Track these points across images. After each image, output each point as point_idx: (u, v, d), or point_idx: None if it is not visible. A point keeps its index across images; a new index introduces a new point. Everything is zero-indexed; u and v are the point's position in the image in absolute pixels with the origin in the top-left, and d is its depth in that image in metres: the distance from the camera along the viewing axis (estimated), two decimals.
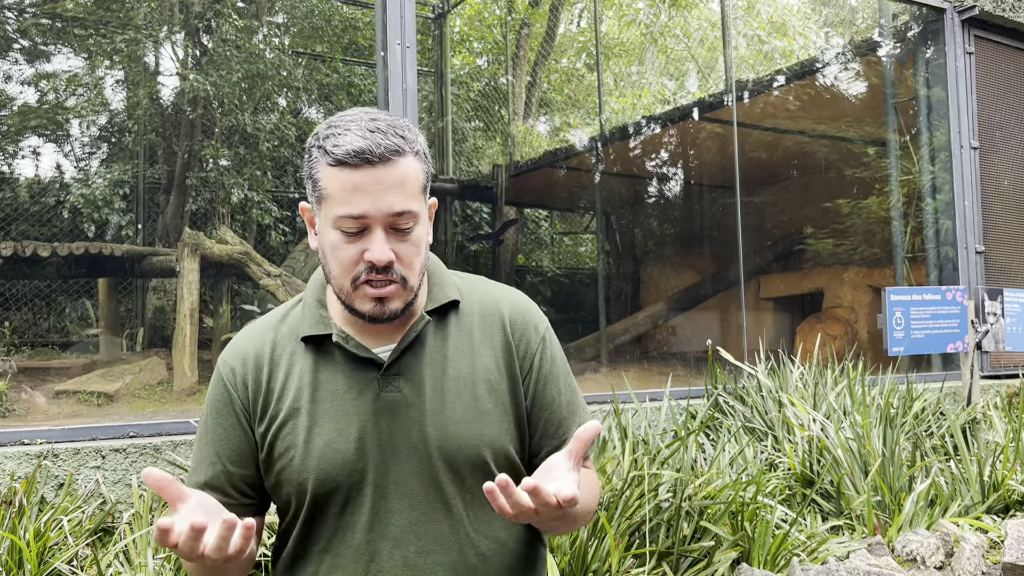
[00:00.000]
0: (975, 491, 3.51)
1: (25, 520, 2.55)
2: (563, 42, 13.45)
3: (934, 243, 5.93)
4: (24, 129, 8.90)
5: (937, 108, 5.91)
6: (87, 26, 8.42)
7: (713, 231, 10.95)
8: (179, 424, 3.29)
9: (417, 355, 1.31)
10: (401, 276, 1.24)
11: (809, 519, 3.22)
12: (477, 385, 1.31)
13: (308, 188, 1.28)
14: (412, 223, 1.23)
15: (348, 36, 10.11)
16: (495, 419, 1.31)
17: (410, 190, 1.22)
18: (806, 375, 4.29)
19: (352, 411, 1.28)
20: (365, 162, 1.19)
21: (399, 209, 1.21)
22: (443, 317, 1.35)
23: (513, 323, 1.37)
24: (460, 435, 1.28)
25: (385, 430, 1.27)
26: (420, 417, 1.28)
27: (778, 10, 12.74)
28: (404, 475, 1.27)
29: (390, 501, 1.27)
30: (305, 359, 1.32)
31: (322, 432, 1.27)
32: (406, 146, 1.22)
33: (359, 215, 1.20)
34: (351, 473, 1.26)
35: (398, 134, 1.22)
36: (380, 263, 1.21)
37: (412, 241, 1.24)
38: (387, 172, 1.20)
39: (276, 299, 6.78)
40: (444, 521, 1.28)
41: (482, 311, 1.37)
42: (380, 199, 1.19)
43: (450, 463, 1.28)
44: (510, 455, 1.33)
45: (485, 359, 1.33)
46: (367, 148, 1.18)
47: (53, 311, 9.09)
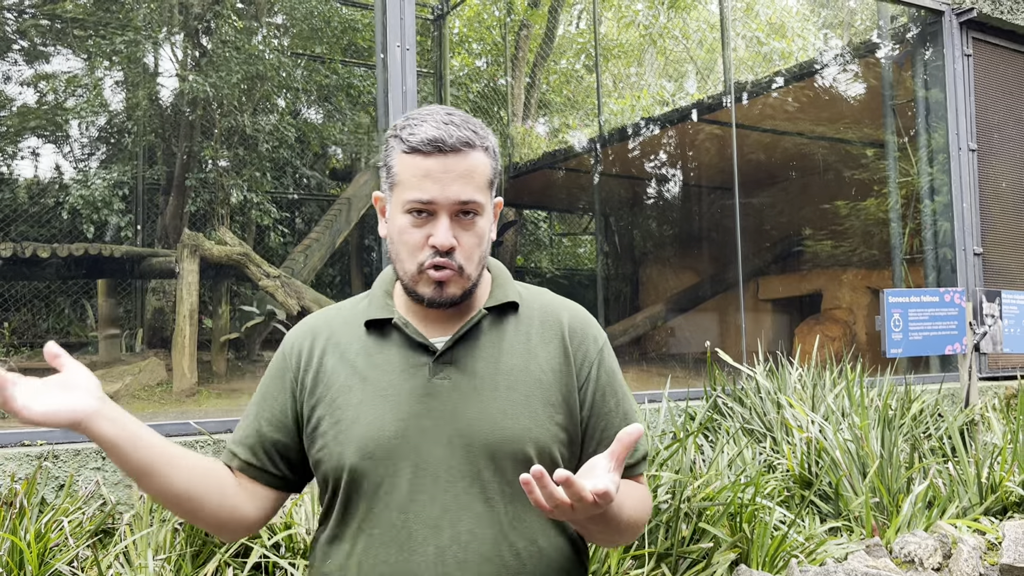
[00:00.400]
0: (973, 493, 3.52)
1: (26, 521, 2.56)
2: (562, 43, 13.46)
3: (932, 245, 5.94)
4: (23, 130, 8.90)
5: (935, 110, 5.93)
6: (86, 27, 8.43)
7: (712, 232, 10.97)
8: (179, 425, 3.30)
9: (471, 347, 1.34)
10: (459, 264, 1.29)
11: (807, 520, 3.23)
12: (529, 384, 1.33)
13: (382, 176, 1.35)
14: (476, 213, 1.30)
15: (347, 37, 10.12)
16: (543, 419, 1.31)
17: (477, 182, 1.29)
18: (805, 377, 4.30)
19: (401, 394, 1.31)
20: (437, 150, 1.26)
21: (465, 198, 1.27)
22: (502, 316, 1.38)
23: (572, 331, 1.39)
24: (505, 428, 1.29)
25: (430, 415, 1.30)
26: (467, 406, 1.30)
27: (777, 12, 12.76)
28: (444, 461, 1.28)
29: (427, 484, 1.28)
30: (364, 342, 1.37)
31: (369, 411, 1.31)
32: (477, 140, 1.29)
33: (427, 200, 1.26)
34: (390, 452, 1.29)
35: (470, 128, 1.29)
36: (443, 247, 1.27)
37: (475, 232, 1.30)
38: (457, 162, 1.27)
39: (275, 300, 6.79)
40: (481, 512, 1.28)
41: (542, 316, 1.40)
42: (448, 187, 1.26)
43: (492, 454, 1.28)
44: (555, 459, 1.32)
45: (540, 361, 1.35)
46: (440, 137, 1.26)
47: (52, 312, 9.09)
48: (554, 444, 1.32)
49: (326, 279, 11.13)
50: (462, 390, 1.31)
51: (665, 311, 10.18)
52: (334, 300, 7.81)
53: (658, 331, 10.46)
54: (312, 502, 2.89)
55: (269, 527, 2.70)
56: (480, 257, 1.32)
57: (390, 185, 1.32)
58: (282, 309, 7.01)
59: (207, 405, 5.75)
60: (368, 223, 9.92)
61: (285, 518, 2.73)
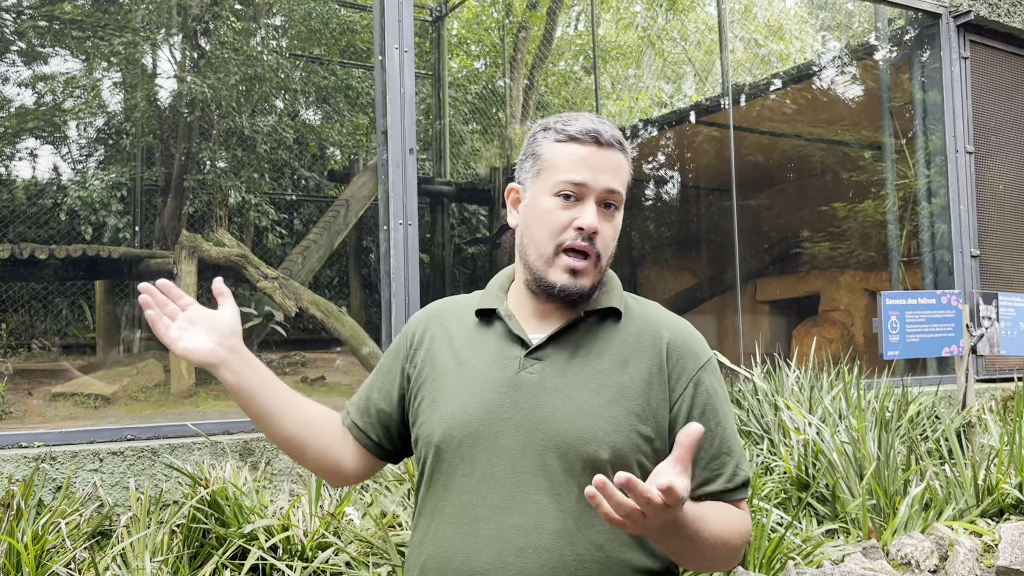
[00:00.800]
0: (969, 495, 3.52)
1: (23, 523, 2.56)
2: (560, 45, 13.47)
3: (930, 247, 5.95)
4: (21, 131, 8.89)
5: (933, 112, 5.94)
6: (85, 28, 8.42)
7: (710, 234, 10.97)
8: (176, 427, 3.30)
9: (564, 347, 1.37)
10: (598, 252, 1.35)
11: (804, 523, 3.23)
12: (615, 390, 1.33)
13: (526, 168, 1.43)
14: (617, 208, 1.38)
15: (346, 39, 10.12)
16: (624, 426, 1.31)
17: (622, 178, 1.38)
18: (802, 379, 4.30)
19: (491, 382, 1.36)
20: (594, 141, 1.35)
21: (612, 187, 1.35)
22: (602, 322, 1.41)
23: (671, 347, 1.38)
24: (581, 427, 1.30)
25: (512, 406, 1.33)
26: (547, 402, 1.32)
27: (775, 14, 12.77)
28: (518, 450, 1.31)
29: (498, 471, 1.31)
30: (471, 330, 1.44)
31: (458, 394, 1.37)
32: (622, 144, 1.39)
33: (580, 182, 1.34)
34: (469, 436, 1.33)
35: (617, 132, 1.39)
36: (589, 229, 1.33)
37: (613, 224, 1.37)
38: (608, 155, 1.36)
39: (273, 301, 6.79)
40: (547, 506, 1.28)
41: (642, 327, 1.41)
42: (600, 175, 1.35)
43: (563, 451, 1.29)
44: (633, 469, 1.30)
45: (633, 372, 1.35)
46: (597, 130, 1.36)
47: (50, 313, 9.08)
48: (633, 453, 1.30)
49: (324, 280, 11.13)
50: (546, 386, 1.34)
51: None
52: (332, 301, 7.81)
53: None
54: (309, 503, 2.89)
55: (267, 529, 2.70)
56: (612, 253, 1.39)
57: (536, 173, 1.40)
58: (280, 310, 7.01)
59: (205, 406, 5.75)
60: (366, 225, 9.92)
61: (283, 520, 2.73)
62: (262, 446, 3.27)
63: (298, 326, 9.04)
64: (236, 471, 3.06)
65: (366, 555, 2.70)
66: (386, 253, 3.89)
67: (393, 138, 3.88)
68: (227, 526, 2.73)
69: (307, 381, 6.93)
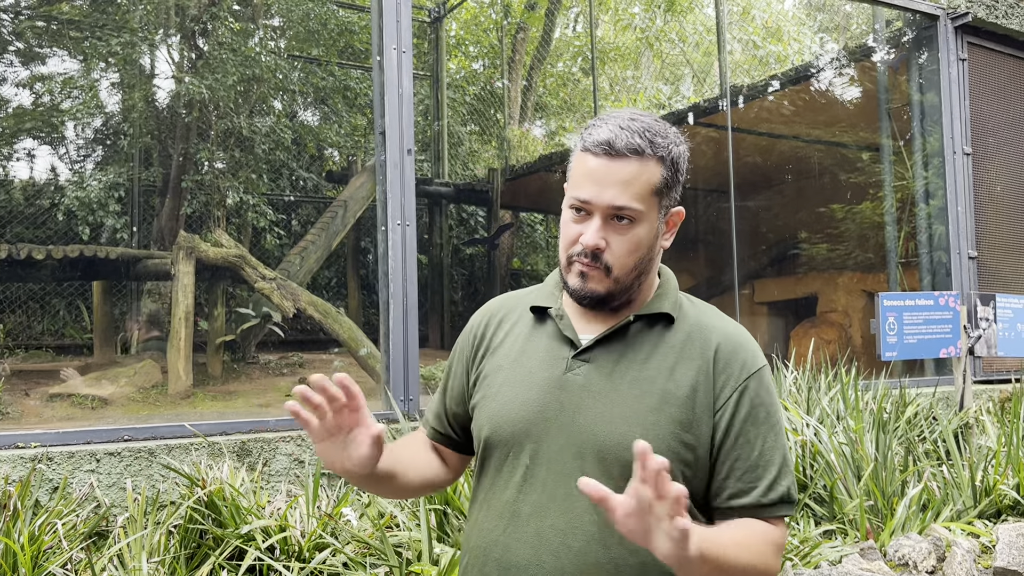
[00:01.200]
0: (967, 496, 3.52)
1: (19, 524, 2.55)
2: (559, 46, 13.47)
3: (927, 248, 5.95)
4: (19, 131, 8.89)
5: (930, 114, 5.94)
6: (83, 29, 8.42)
7: (708, 235, 10.97)
8: (173, 428, 3.29)
9: (612, 350, 1.36)
10: (606, 265, 1.32)
11: (802, 523, 3.23)
12: (660, 397, 1.31)
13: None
14: (630, 220, 1.31)
15: (344, 40, 10.12)
16: (665, 434, 1.29)
17: (637, 189, 1.30)
18: (800, 380, 4.30)
19: (539, 381, 1.36)
20: (605, 152, 1.29)
21: (619, 203, 1.29)
22: (652, 326, 1.38)
23: (720, 354, 1.35)
24: (622, 433, 1.29)
25: (558, 407, 1.33)
26: (591, 405, 1.32)
27: (773, 15, 12.79)
28: (560, 451, 1.32)
29: (541, 470, 1.32)
30: (527, 327, 1.45)
31: (507, 391, 1.39)
32: (649, 149, 1.30)
33: (584, 199, 1.31)
34: (515, 434, 1.35)
35: (647, 137, 1.30)
36: (587, 247, 1.31)
37: (628, 237, 1.31)
38: (620, 167, 1.29)
39: (271, 302, 6.78)
40: (585, 510, 1.28)
41: (691, 332, 1.38)
42: (605, 190, 1.29)
43: (602, 456, 1.29)
44: (672, 477, 1.24)
45: (679, 378, 1.33)
46: (610, 140, 1.29)
47: (48, 314, 9.07)
48: (674, 462, 1.27)
49: (322, 281, 11.12)
50: (591, 389, 1.33)
51: None
52: (330, 302, 7.81)
53: None
54: (306, 504, 2.89)
55: (264, 530, 2.70)
56: (636, 263, 1.33)
57: (567, 179, 1.38)
58: (278, 311, 7.00)
59: (202, 407, 5.75)
60: (364, 225, 9.91)
61: (280, 521, 2.73)
62: (259, 447, 3.26)
63: (296, 327, 9.04)
64: (233, 472, 3.06)
65: (363, 556, 2.70)
66: (384, 254, 3.89)
67: (391, 139, 3.88)
68: (224, 527, 2.72)
69: (305, 382, 6.92)
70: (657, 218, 1.34)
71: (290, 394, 6.40)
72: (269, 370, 7.52)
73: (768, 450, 1.32)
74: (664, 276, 1.44)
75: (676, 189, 1.37)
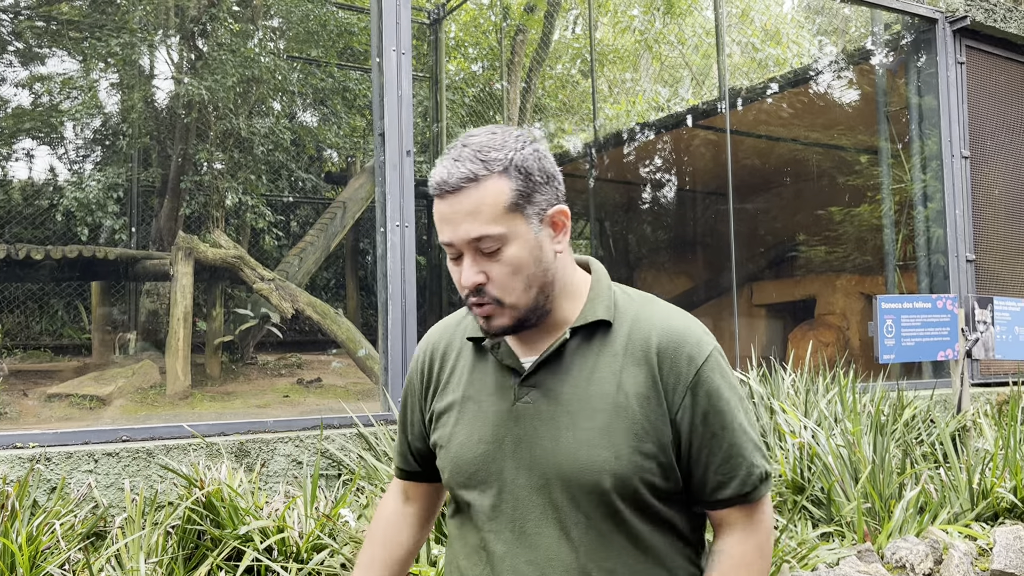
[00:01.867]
0: (964, 499, 3.53)
1: (17, 524, 2.55)
2: (558, 48, 13.48)
3: (925, 251, 5.96)
4: (18, 132, 8.88)
5: (929, 117, 5.95)
6: (82, 29, 8.42)
7: (706, 237, 10.99)
8: (172, 428, 3.29)
9: (556, 371, 1.31)
10: (494, 297, 1.26)
11: (800, 526, 3.23)
12: (612, 412, 1.27)
13: None
14: (497, 245, 1.25)
15: (343, 41, 10.12)
16: (624, 451, 1.26)
17: (488, 214, 1.24)
18: (798, 382, 4.31)
19: (490, 415, 1.33)
20: (445, 193, 1.25)
21: (475, 235, 1.24)
22: (591, 336, 1.33)
23: (662, 355, 1.29)
24: (581, 458, 1.26)
25: (513, 439, 1.31)
26: (545, 433, 1.29)
27: (772, 18, 12.80)
28: (525, 486, 1.29)
29: (509, 507, 1.30)
30: (469, 359, 1.40)
31: (462, 431, 1.36)
32: (482, 169, 1.24)
33: (447, 243, 1.28)
34: (477, 473, 1.33)
35: (478, 159, 1.25)
36: (465, 288, 1.27)
37: (504, 262, 1.25)
38: (461, 200, 1.24)
39: (269, 303, 6.78)
40: (556, 539, 1.27)
41: (631, 334, 1.32)
42: (458, 227, 1.25)
43: (567, 484, 1.27)
44: (638, 490, 1.26)
45: (626, 387, 1.28)
46: (443, 179, 1.25)
47: (46, 314, 9.06)
48: (637, 474, 1.26)
49: (320, 282, 11.12)
50: (543, 416, 1.29)
51: None
52: (329, 303, 7.81)
53: None
54: (305, 505, 2.89)
55: (262, 531, 2.70)
56: (526, 283, 1.27)
57: None
58: (276, 312, 7.00)
59: (200, 408, 5.74)
60: (363, 227, 9.92)
61: (278, 521, 2.73)
62: (257, 448, 3.26)
63: (294, 328, 9.04)
64: (231, 472, 3.06)
65: None
66: (383, 255, 3.89)
67: (390, 140, 3.89)
68: (222, 527, 2.72)
69: (303, 383, 6.92)
70: (528, 230, 1.26)
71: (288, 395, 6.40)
72: (267, 371, 7.52)
73: (736, 438, 1.30)
74: (595, 274, 1.39)
75: (541, 191, 1.28)
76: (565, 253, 1.33)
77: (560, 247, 1.31)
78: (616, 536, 1.26)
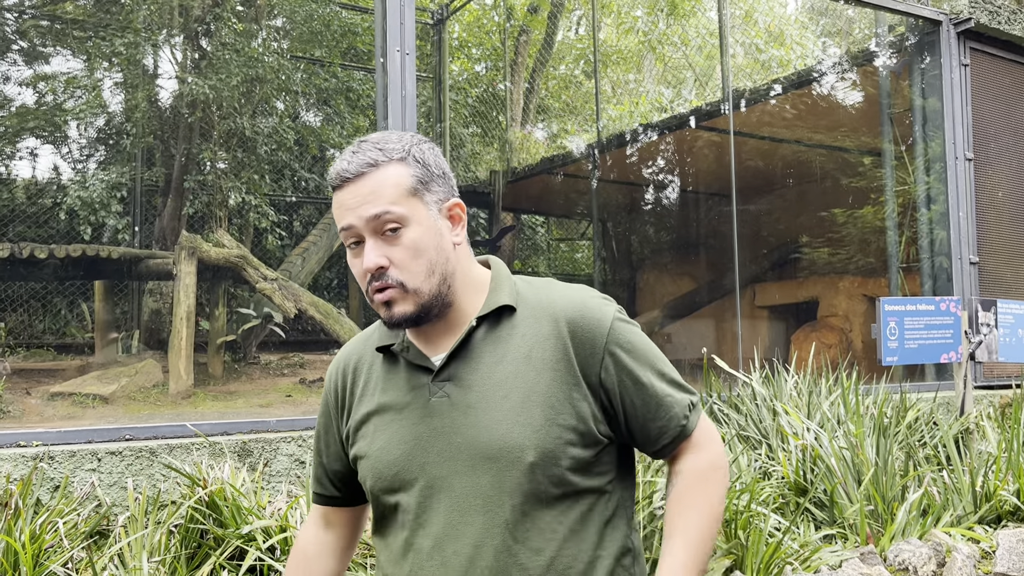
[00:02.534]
0: (967, 501, 3.52)
1: (21, 522, 2.56)
2: (561, 49, 13.49)
3: (928, 253, 5.96)
4: (22, 131, 8.90)
5: (932, 119, 5.95)
6: (86, 28, 8.43)
7: (709, 239, 10.98)
8: (175, 427, 3.30)
9: (467, 361, 1.34)
10: (398, 280, 1.29)
11: (802, 528, 3.23)
12: (525, 389, 1.31)
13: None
14: (397, 225, 1.29)
15: (347, 41, 10.13)
16: (541, 424, 1.29)
17: (388, 195, 1.29)
18: (800, 384, 4.30)
19: (406, 417, 1.35)
20: (344, 181, 1.30)
21: (375, 211, 1.28)
22: (498, 322, 1.36)
23: (572, 327, 1.34)
24: (502, 436, 1.28)
25: (433, 434, 1.32)
26: (464, 420, 1.31)
27: (775, 20, 12.79)
28: (448, 477, 1.31)
29: (433, 502, 1.32)
30: (380, 369, 1.42)
31: (381, 437, 1.37)
32: (382, 156, 1.30)
33: (346, 226, 1.30)
34: (398, 474, 1.34)
35: (376, 148, 1.31)
36: (369, 270, 1.29)
37: (404, 244, 1.29)
38: (363, 184, 1.29)
39: (272, 303, 6.79)
40: (484, 524, 1.28)
41: (536, 314, 1.36)
42: (359, 208, 1.29)
43: (490, 466, 1.29)
44: (564, 461, 1.29)
45: (535, 363, 1.32)
46: (343, 168, 1.30)
47: (49, 313, 9.08)
48: (560, 447, 1.29)
49: (323, 282, 11.13)
50: (459, 406, 1.32)
51: (662, 317, 10.19)
52: (331, 303, 7.81)
53: (655, 337, 10.45)
54: (307, 504, 2.89)
55: (265, 530, 2.70)
56: (427, 269, 1.30)
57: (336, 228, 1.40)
58: (279, 312, 7.01)
59: (203, 407, 5.75)
60: None
61: (280, 521, 2.73)
62: (260, 447, 3.27)
63: (297, 327, 9.04)
64: (234, 472, 3.06)
65: (363, 556, 2.70)
66: None
67: None
68: (225, 527, 2.73)
69: (306, 382, 6.93)
70: (428, 217, 1.31)
71: (290, 394, 6.40)
72: (270, 370, 7.52)
73: (657, 387, 1.36)
74: (495, 268, 1.43)
75: (438, 183, 1.34)
76: (464, 247, 1.38)
77: (458, 239, 1.36)
78: (543, 515, 1.28)
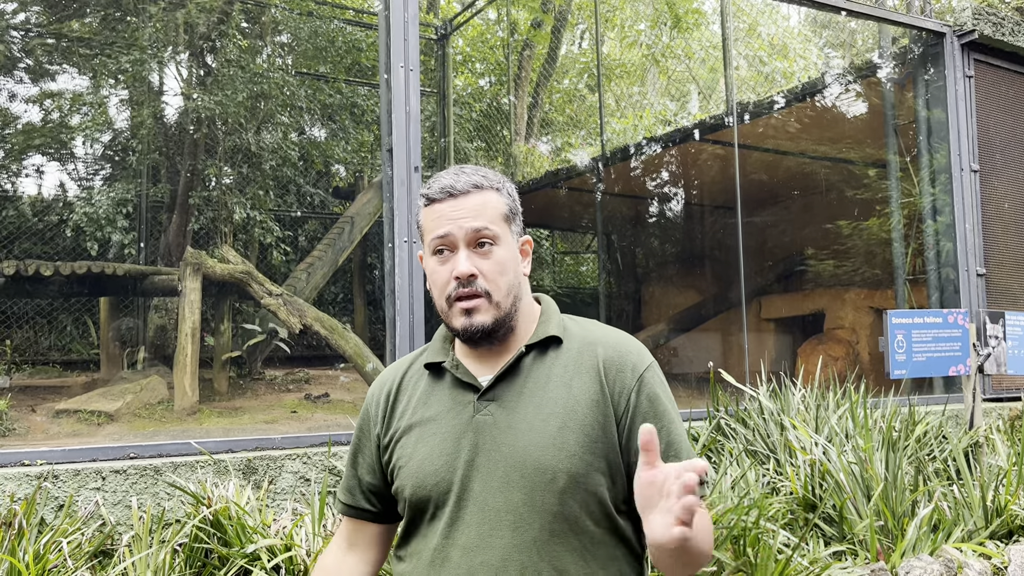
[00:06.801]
0: (978, 516, 3.49)
1: (25, 542, 2.54)
2: (565, 63, 13.52)
3: (935, 265, 5.93)
4: (28, 148, 8.94)
5: (937, 130, 5.94)
6: (92, 46, 8.48)
7: (714, 251, 10.96)
8: (179, 445, 3.28)
9: (513, 384, 1.44)
10: (485, 290, 1.41)
11: (812, 544, 3.20)
12: (564, 416, 1.39)
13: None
14: (491, 242, 1.43)
15: (351, 57, 10.17)
16: (576, 450, 1.37)
17: (488, 214, 1.43)
18: (808, 398, 4.28)
19: (449, 430, 1.44)
20: (449, 195, 1.43)
21: (477, 226, 1.41)
22: (545, 351, 1.47)
23: (607, 364, 1.44)
24: (538, 459, 1.36)
25: (473, 449, 1.40)
26: (504, 440, 1.38)
27: (779, 32, 12.82)
28: (483, 490, 1.37)
29: (466, 513, 1.38)
30: (425, 386, 1.52)
31: (423, 447, 1.45)
32: (486, 183, 1.45)
33: (444, 234, 1.42)
34: (438, 484, 1.41)
35: (480, 175, 1.46)
36: (463, 275, 1.40)
37: (494, 259, 1.42)
38: (465, 201, 1.43)
39: (277, 318, 6.78)
40: (512, 539, 1.34)
41: (580, 350, 1.47)
42: (460, 220, 1.42)
43: (524, 485, 1.36)
44: (594, 490, 1.37)
45: (577, 393, 1.42)
46: (450, 184, 1.44)
47: (55, 329, 9.09)
48: (591, 473, 1.37)
49: (328, 297, 11.13)
50: (500, 426, 1.40)
51: (667, 330, 10.16)
52: (337, 318, 7.80)
53: (660, 350, 10.43)
54: (312, 523, 2.87)
55: (270, 549, 2.68)
56: (508, 287, 1.43)
57: (421, 239, 1.48)
58: (284, 327, 7.00)
59: (208, 424, 5.74)
60: (371, 241, 9.93)
61: (285, 539, 2.71)
62: (265, 464, 3.25)
63: (302, 343, 9.04)
64: (239, 490, 3.05)
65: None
66: (391, 271, 3.89)
67: (398, 156, 3.89)
68: (230, 546, 2.71)
69: (311, 398, 6.92)
70: (512, 243, 1.46)
71: (295, 410, 6.39)
72: (275, 386, 7.51)
73: (675, 439, 1.45)
74: (545, 304, 1.55)
75: (519, 218, 1.50)
76: (527, 280, 1.55)
77: (526, 270, 1.52)
78: (569, 537, 1.35)
